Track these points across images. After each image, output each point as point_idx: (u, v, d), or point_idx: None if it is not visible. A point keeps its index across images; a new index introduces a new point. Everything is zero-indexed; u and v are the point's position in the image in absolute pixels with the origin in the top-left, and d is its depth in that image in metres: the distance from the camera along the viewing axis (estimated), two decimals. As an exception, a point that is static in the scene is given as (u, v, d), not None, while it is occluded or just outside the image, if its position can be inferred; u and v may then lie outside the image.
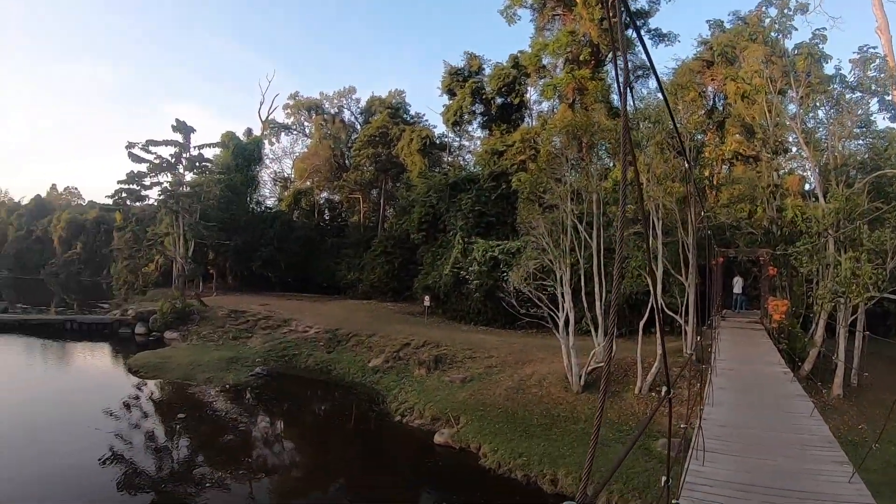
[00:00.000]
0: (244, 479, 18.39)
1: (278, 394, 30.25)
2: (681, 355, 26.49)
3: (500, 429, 21.40)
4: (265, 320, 43.60)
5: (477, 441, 20.70)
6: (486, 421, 22.30)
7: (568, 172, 29.41)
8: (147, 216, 58.51)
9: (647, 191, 25.44)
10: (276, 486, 18.48)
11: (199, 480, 18.36)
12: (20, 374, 34.06)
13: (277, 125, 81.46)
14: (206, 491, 17.34)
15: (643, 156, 26.64)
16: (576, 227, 27.12)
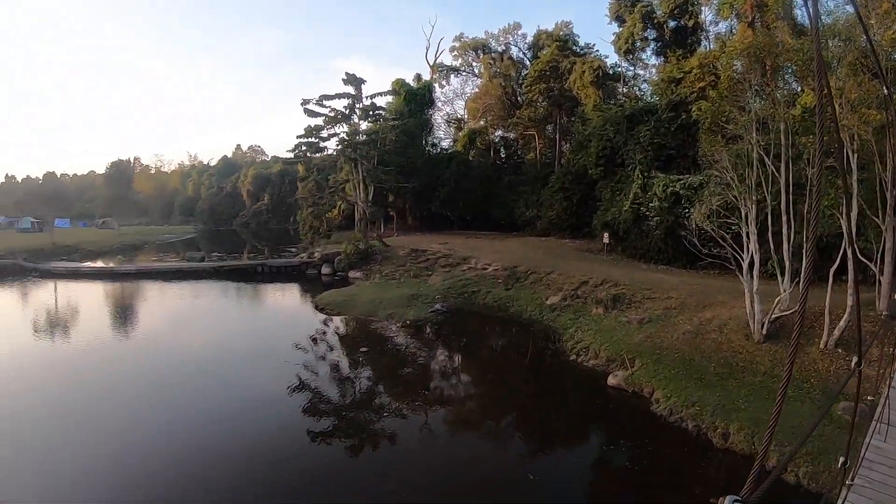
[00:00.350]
0: (420, 410, 18.94)
1: (456, 329, 30.73)
2: (873, 309, 24.08)
3: (675, 374, 20.33)
4: (444, 258, 44.50)
5: (650, 385, 19.92)
6: (660, 365, 21.33)
7: (752, 99, 27.12)
8: (327, 165, 61.25)
9: (840, 119, 22.97)
10: (451, 417, 18.87)
11: (378, 409, 19.16)
12: (219, 313, 37.30)
13: (445, 68, 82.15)
14: (384, 419, 18.06)
15: (834, 79, 24.08)
16: (762, 160, 24.92)
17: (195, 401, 20.04)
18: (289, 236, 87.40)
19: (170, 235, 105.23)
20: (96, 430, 16.98)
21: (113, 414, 18.53)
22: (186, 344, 28.83)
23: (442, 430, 17.65)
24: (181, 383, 21.90)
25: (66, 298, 41.56)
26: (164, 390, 21.02)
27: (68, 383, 22.00)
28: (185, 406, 19.34)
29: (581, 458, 16.18)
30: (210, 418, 18.21)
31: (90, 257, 67.12)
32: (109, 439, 16.27)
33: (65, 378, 22.81)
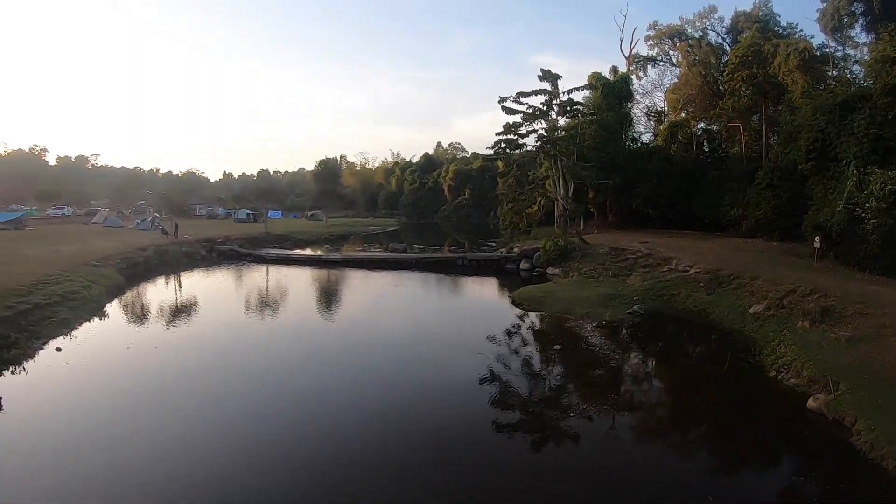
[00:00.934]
0: (607, 413, 18.79)
1: (652, 333, 30.14)
2: None
3: (883, 405, 17.58)
4: (644, 258, 43.57)
5: (853, 414, 17.51)
6: (869, 392, 18.67)
7: None
8: (527, 161, 62.12)
9: None
10: (636, 424, 18.44)
11: (565, 408, 19.28)
12: (417, 302, 39.84)
13: (641, 59, 79.89)
14: (569, 418, 18.14)
15: None
16: None
17: (386, 383, 21.64)
18: (488, 231, 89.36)
19: (374, 227, 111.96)
20: (288, 406, 18.90)
21: (301, 392, 20.62)
22: (383, 329, 31.27)
23: (626, 436, 17.46)
24: (375, 366, 23.89)
25: (275, 281, 46.47)
26: (357, 372, 23.04)
27: (271, 358, 25.11)
28: (375, 389, 20.89)
29: (767, 485, 15.04)
30: (398, 402, 19.51)
31: (300, 245, 74.27)
32: (296, 416, 18.06)
33: (270, 352, 26.10)
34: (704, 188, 62.69)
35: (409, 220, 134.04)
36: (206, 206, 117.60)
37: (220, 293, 42.00)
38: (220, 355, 25.44)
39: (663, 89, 79.71)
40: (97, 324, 30.03)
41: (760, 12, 67.37)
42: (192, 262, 55.87)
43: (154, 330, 29.52)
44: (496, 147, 61.23)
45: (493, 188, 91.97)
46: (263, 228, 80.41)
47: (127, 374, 22.17)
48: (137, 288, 41.39)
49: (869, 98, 39.55)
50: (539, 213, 62.54)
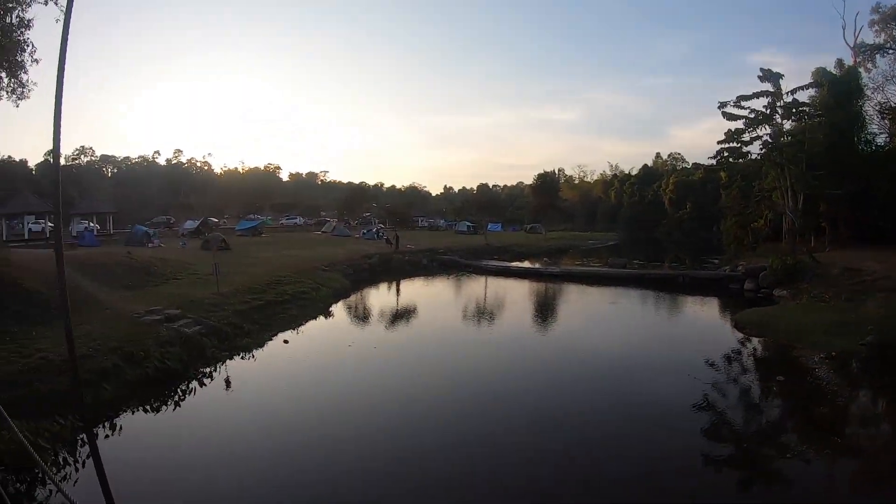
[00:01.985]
0: (828, 456, 17.32)
1: (889, 369, 26.67)
2: None
3: None
4: (883, 280, 38.82)
5: None
6: None
7: None
8: (751, 171, 59.10)
9: None
10: (860, 471, 16.96)
11: (781, 447, 17.91)
12: (633, 320, 39.69)
13: (868, 48, 69.62)
14: (784, 459, 16.83)
15: None
16: None
17: (590, 402, 21.78)
18: (711, 246, 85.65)
19: (593, 241, 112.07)
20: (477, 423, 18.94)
21: (506, 403, 21.24)
22: (595, 345, 31.71)
23: (845, 484, 16.13)
24: (581, 384, 24.18)
25: (493, 292, 48.38)
26: (560, 390, 23.36)
27: (480, 368, 26.37)
28: (579, 409, 20.92)
29: None
30: (601, 424, 19.46)
31: (518, 258, 76.67)
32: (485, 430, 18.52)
33: (478, 362, 27.41)
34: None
35: (628, 234, 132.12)
36: (427, 218, 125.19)
37: (438, 300, 44.86)
38: (434, 360, 27.53)
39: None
40: (322, 322, 33.55)
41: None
42: (413, 270, 60.03)
43: (375, 330, 32.45)
44: (718, 156, 58.49)
45: (716, 201, 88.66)
46: (483, 240, 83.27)
47: (345, 370, 25.15)
48: (361, 292, 45.39)
49: None
50: (766, 228, 58.96)
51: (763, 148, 54.89)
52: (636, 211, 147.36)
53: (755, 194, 57.55)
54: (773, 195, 56.03)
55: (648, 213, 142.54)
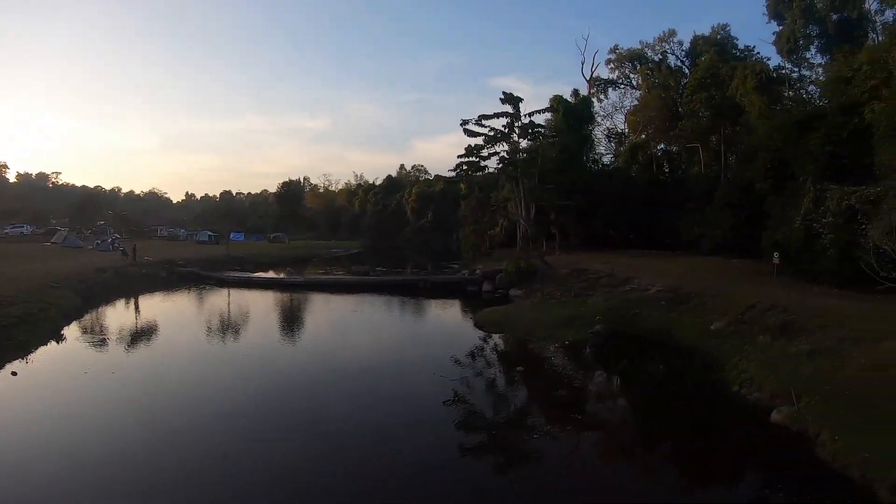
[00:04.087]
0: (571, 433, 18.78)
1: (615, 353, 29.99)
2: None
3: (845, 415, 17.78)
4: (606, 278, 43.55)
5: (816, 426, 17.64)
6: (829, 403, 18.89)
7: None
8: (489, 184, 62.56)
9: None
10: (602, 442, 18.60)
11: (530, 429, 19.17)
12: (380, 326, 39.40)
13: (602, 81, 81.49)
14: (534, 439, 18.05)
15: None
16: None
17: (349, 408, 20.99)
18: (450, 253, 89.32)
19: (337, 250, 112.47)
20: (242, 438, 17.84)
21: (258, 420, 19.72)
22: (345, 353, 30.70)
23: (591, 456, 17.45)
24: (335, 392, 23.20)
25: (236, 305, 45.70)
26: (316, 399, 22.30)
27: (230, 386, 23.95)
28: (337, 415, 20.24)
29: (734, 499, 15.39)
30: (361, 427, 18.90)
31: (261, 268, 73.82)
32: (249, 447, 17.09)
33: (229, 379, 25.17)
34: (664, 208, 62.90)
35: (371, 243, 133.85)
36: (167, 228, 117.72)
37: (179, 317, 41.30)
38: (178, 382, 24.66)
39: (624, 111, 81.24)
40: (55, 347, 29.57)
41: (718, 36, 69.04)
42: (152, 285, 55.00)
43: (112, 354, 28.88)
44: (458, 169, 61.11)
45: (456, 210, 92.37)
46: (225, 251, 79.62)
47: (82, 400, 21.63)
48: (96, 311, 40.74)
49: (824, 117, 40.35)
50: (501, 235, 62.97)
51: (500, 163, 58.30)
52: (379, 220, 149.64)
53: (492, 205, 60.83)
54: (508, 206, 59.36)
55: (391, 222, 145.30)
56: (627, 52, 77.40)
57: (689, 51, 73.40)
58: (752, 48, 68.11)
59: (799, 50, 55.61)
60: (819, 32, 53.07)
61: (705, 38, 70.20)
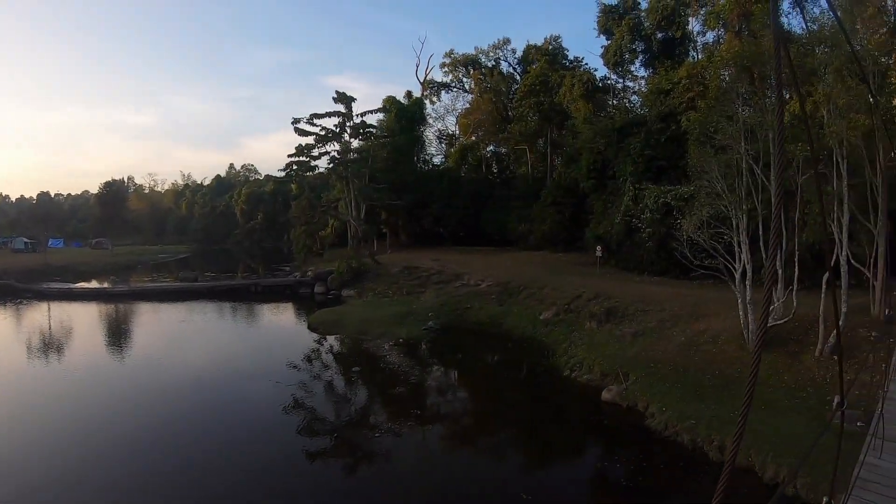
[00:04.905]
0: (416, 428, 19.04)
1: (450, 347, 30.60)
2: (868, 315, 23.85)
3: (669, 388, 20.28)
4: (437, 275, 44.43)
5: (644, 400, 19.79)
6: (655, 379, 21.30)
7: (739, 108, 27.00)
8: (319, 184, 61.99)
9: (829, 125, 23.02)
10: (447, 434, 18.91)
11: (374, 428, 19.11)
12: (212, 335, 37.21)
13: (436, 84, 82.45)
14: (380, 438, 18.02)
15: (822, 85, 24.08)
16: (751, 169, 24.84)
17: (187, 425, 19.90)
18: (282, 255, 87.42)
19: (164, 255, 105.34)
20: (82, 459, 16.75)
21: (100, 440, 18.32)
22: (178, 367, 28.74)
23: (438, 448, 17.68)
24: (172, 408, 21.67)
25: (58, 320, 41.56)
26: (154, 416, 20.68)
27: (56, 408, 21.86)
28: (176, 432, 19.10)
29: (577, 474, 16.22)
30: (204, 440, 18.12)
31: (84, 278, 67.66)
32: (96, 468, 16.09)
33: (53, 403, 22.70)
34: (492, 206, 65.23)
35: (200, 246, 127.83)
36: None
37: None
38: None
39: (455, 114, 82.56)
40: None
41: (550, 46, 71.69)
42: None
43: None
44: (288, 169, 60.12)
45: (287, 211, 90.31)
46: (43, 259, 73.37)
47: None
48: None
49: (644, 124, 44.47)
50: (332, 236, 62.38)
51: (331, 163, 57.64)
52: (208, 222, 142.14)
53: (322, 205, 60.13)
54: (339, 205, 58.70)
55: (220, 224, 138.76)
56: (462, 56, 78.95)
57: (522, 58, 75.99)
58: (582, 59, 71.46)
59: (624, 63, 58.97)
60: (644, 48, 56.51)
61: (538, 47, 72.75)
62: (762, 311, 2.99)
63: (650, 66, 56.25)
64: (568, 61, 70.35)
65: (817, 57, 24.50)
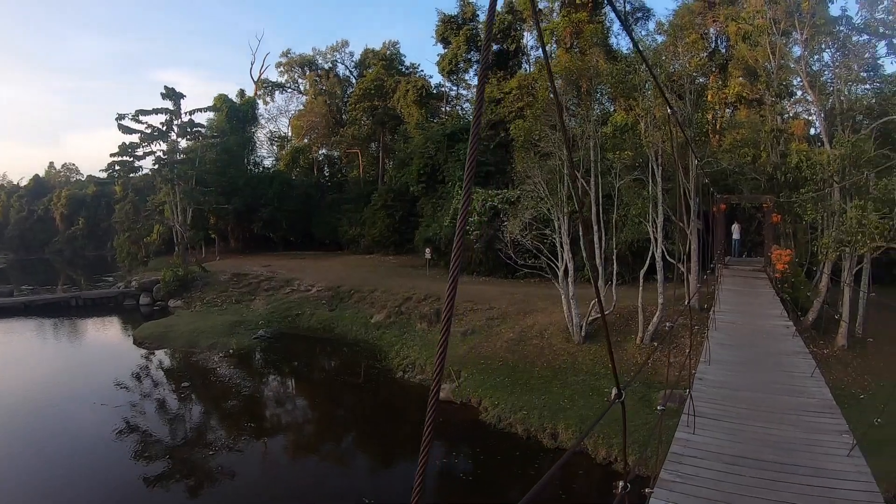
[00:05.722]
0: (257, 440, 18.82)
1: (283, 355, 30.31)
2: (682, 303, 26.26)
3: (501, 382, 21.57)
4: (267, 281, 43.51)
5: (477, 396, 20.91)
6: (486, 375, 22.48)
7: (564, 118, 28.55)
8: (145, 186, 58.66)
9: (647, 136, 25.25)
10: (289, 443, 18.92)
11: (213, 445, 18.57)
12: (30, 356, 33.67)
13: (271, 84, 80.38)
14: (219, 454, 17.61)
15: (642, 99, 26.39)
16: (573, 174, 26.50)
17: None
18: (106, 264, 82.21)
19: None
20: None
21: None
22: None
23: (282, 459, 17.63)
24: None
25: None
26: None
27: None
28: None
29: (410, 474, 16.26)
30: (22, 478, 16.62)
31: None
32: None
33: None
34: (323, 210, 64.71)
35: (16, 256, 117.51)
36: None
37: None
38: None
39: (289, 115, 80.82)
40: None
41: (388, 51, 71.80)
42: None
43: None
44: (110, 170, 56.59)
45: (110, 216, 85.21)
46: None
47: None
48: None
49: None
50: (158, 242, 59.73)
51: (156, 163, 54.53)
52: (25, 228, 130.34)
53: (147, 209, 57.05)
54: (164, 209, 56.13)
55: (39, 230, 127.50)
56: (299, 57, 77.32)
57: (359, 62, 75.62)
58: (418, 66, 72.12)
59: (459, 71, 60.37)
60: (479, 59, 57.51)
61: (375, 51, 72.61)
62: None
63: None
64: (404, 67, 71.09)
65: (639, 75, 26.37)
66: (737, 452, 8.10)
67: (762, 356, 13.13)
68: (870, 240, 21.03)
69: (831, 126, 27.51)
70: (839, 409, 9.67)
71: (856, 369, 21.73)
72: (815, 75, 29.99)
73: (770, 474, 7.45)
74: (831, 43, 30.98)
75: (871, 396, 19.51)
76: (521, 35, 55.04)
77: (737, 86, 39.28)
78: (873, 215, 20.96)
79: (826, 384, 10.94)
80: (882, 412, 9.57)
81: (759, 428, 8.98)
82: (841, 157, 24.01)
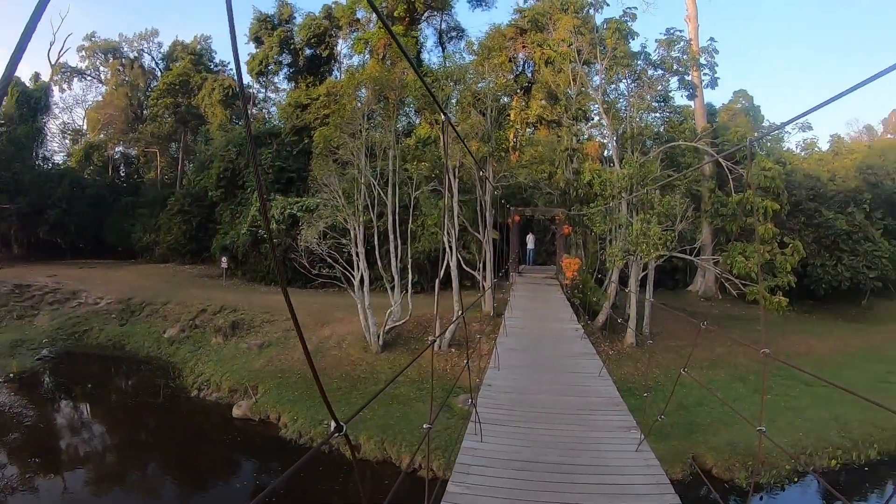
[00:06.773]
0: (55, 474, 17.22)
1: (73, 377, 27.73)
2: (480, 310, 27.27)
3: (300, 396, 21.38)
4: (53, 293, 39.25)
5: (276, 411, 20.60)
6: (284, 389, 22.20)
7: (364, 127, 28.97)
8: None
9: (442, 149, 26.32)
10: (91, 476, 17.37)
11: (2, 488, 16.29)
12: None
13: (70, 69, 71.45)
14: (12, 497, 15.66)
15: (448, 114, 27.15)
16: (371, 184, 26.96)
17: None
18: None
19: None
20: None
21: None
22: None
23: (84, 495, 16.21)
24: None
25: None
26: None
27: None
28: None
29: (234, 495, 16.21)
30: None
31: None
32: None
33: None
34: (117, 214, 59.63)
35: None
36: None
37: None
38: None
39: (86, 106, 73.71)
40: None
41: (199, 46, 68.55)
42: None
43: None
44: None
45: None
46: None
47: None
48: None
49: (278, 135, 45.91)
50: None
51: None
52: None
53: None
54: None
55: None
56: (104, 42, 70.50)
57: (167, 54, 70.90)
58: (227, 64, 69.26)
59: (268, 73, 59.17)
60: (291, 62, 57.30)
61: (185, 45, 68.69)
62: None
63: (293, 80, 57.39)
64: (214, 64, 68.63)
65: (446, 90, 27.10)
66: (525, 457, 8.23)
67: (550, 359, 13.70)
68: (653, 249, 23.52)
69: (622, 148, 30.11)
70: (626, 405, 10.21)
71: (645, 364, 24.13)
72: (611, 102, 32.50)
73: (560, 476, 7.64)
74: (628, 74, 33.85)
75: (660, 387, 21.83)
76: (336, 42, 55.07)
77: (538, 107, 41.53)
78: (657, 227, 23.51)
79: (613, 382, 11.61)
80: (666, 407, 10.07)
81: (547, 430, 9.24)
82: (629, 176, 26.13)
